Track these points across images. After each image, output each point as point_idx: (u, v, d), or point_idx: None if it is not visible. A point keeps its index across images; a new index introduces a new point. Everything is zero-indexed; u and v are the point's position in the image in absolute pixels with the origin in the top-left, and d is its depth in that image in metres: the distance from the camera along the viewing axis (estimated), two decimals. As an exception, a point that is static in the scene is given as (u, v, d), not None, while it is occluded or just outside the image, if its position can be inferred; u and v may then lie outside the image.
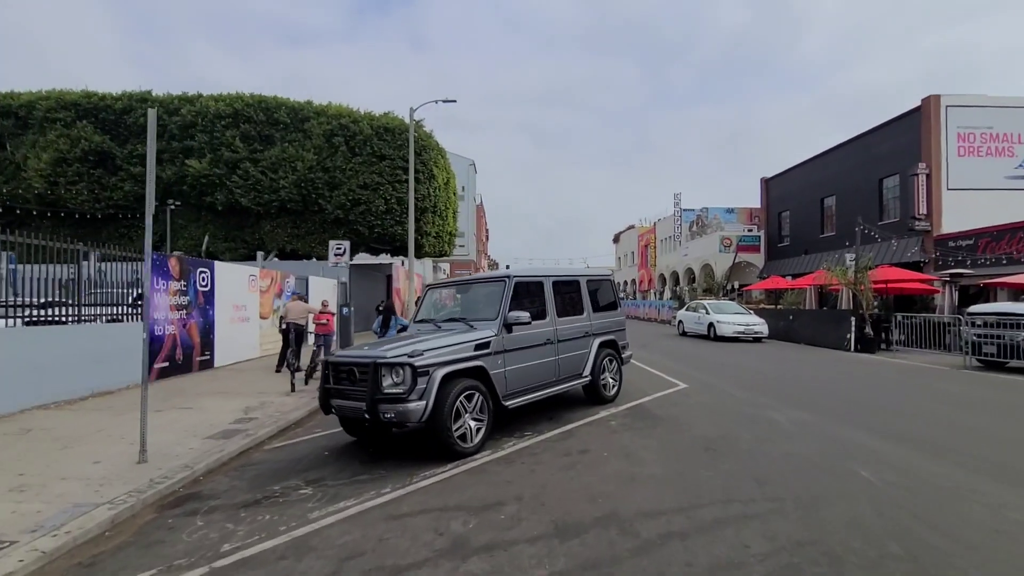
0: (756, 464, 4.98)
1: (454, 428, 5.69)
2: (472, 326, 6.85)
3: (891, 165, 28.37)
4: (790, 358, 14.23)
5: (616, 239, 72.52)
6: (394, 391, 5.67)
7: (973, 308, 12.26)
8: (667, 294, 46.81)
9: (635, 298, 55.50)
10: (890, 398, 8.54)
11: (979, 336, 11.75)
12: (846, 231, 32.43)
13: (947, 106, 25.89)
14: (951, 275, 15.83)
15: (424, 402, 5.62)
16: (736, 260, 39.79)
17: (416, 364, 5.65)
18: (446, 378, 5.82)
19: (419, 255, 26.84)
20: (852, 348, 15.48)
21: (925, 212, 26.06)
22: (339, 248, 14.09)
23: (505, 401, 6.50)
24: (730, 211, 47.35)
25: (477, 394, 6.05)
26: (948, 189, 25.73)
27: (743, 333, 18.62)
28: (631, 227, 65.90)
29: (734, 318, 19.06)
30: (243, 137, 22.47)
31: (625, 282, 68.15)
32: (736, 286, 37.58)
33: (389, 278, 28.57)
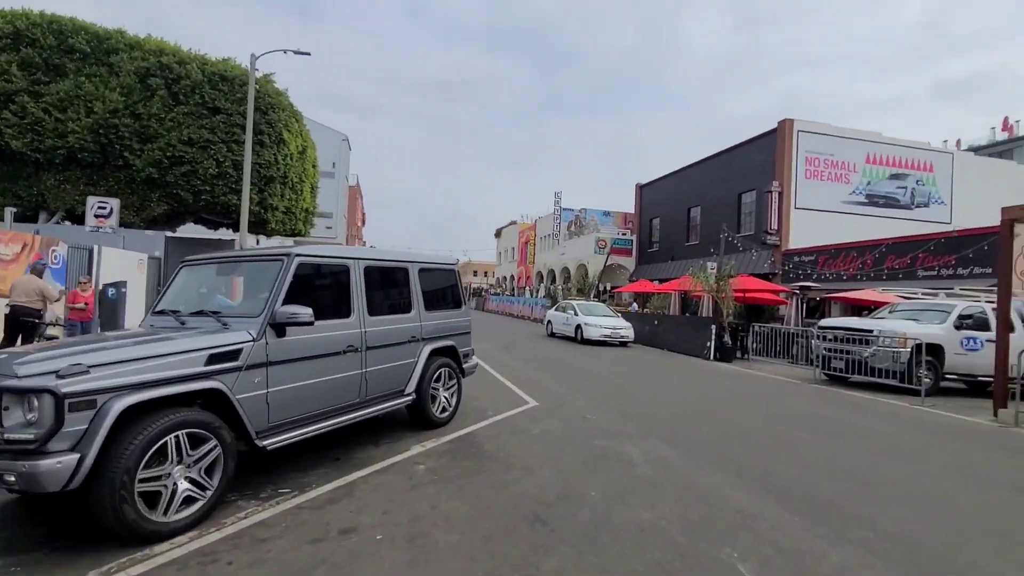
0: (599, 554, 3.35)
1: (137, 500, 3.42)
2: (225, 324, 4.54)
3: (749, 181, 30.07)
4: (652, 366, 13.50)
5: (498, 234, 71.83)
6: (20, 436, 3.26)
7: (824, 322, 12.30)
8: (542, 292, 46.64)
9: (513, 295, 54.93)
10: (755, 420, 7.66)
11: (829, 350, 11.72)
12: (709, 241, 34.11)
13: (799, 131, 27.83)
14: (800, 287, 16.38)
15: (77, 456, 3.27)
16: (608, 262, 40.50)
17: (66, 390, 3.29)
18: (133, 413, 3.52)
19: (263, 231, 23.10)
20: (711, 356, 15.26)
21: (776, 227, 27.83)
22: (103, 207, 10.55)
23: (262, 440, 4.30)
24: (607, 214, 48.40)
25: (206, 437, 3.82)
26: (796, 208, 27.68)
27: (609, 337, 17.93)
28: (513, 223, 65.50)
29: (602, 321, 18.33)
30: (23, 64, 17.34)
31: (505, 278, 67.65)
32: (607, 287, 38.12)
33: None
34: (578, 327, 18.52)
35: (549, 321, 21.20)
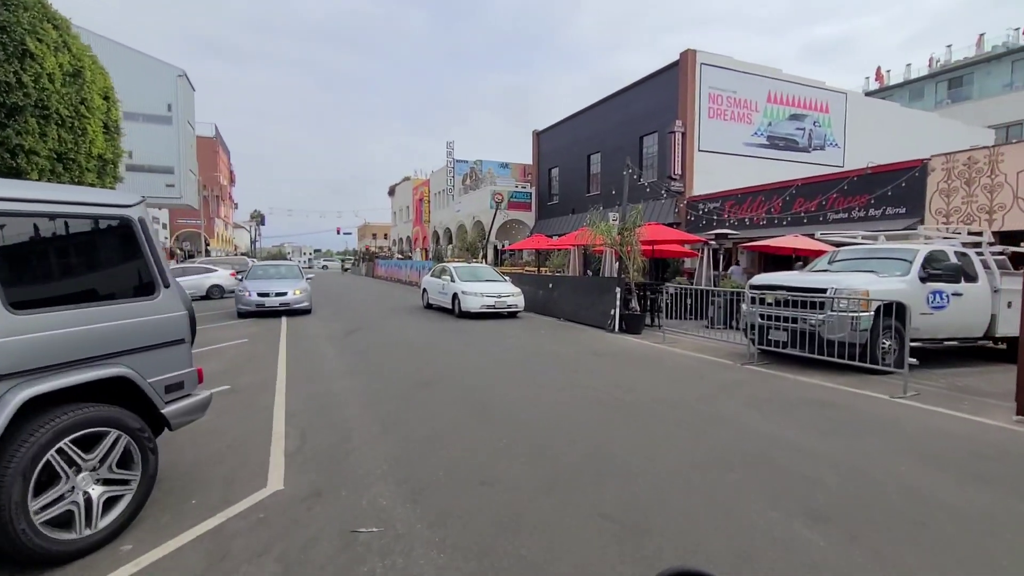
0: None
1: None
2: None
3: (651, 123, 27.18)
4: (540, 351, 9.88)
5: (391, 192, 65.57)
6: None
7: (758, 280, 9.20)
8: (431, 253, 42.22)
9: (404, 258, 49.87)
10: (679, 461, 4.14)
11: (766, 318, 8.65)
12: (611, 190, 31.19)
13: (702, 63, 25.04)
14: (715, 235, 13.50)
15: None
16: (500, 218, 36.74)
17: None
18: None
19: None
20: (616, 327, 11.97)
21: (680, 172, 25.26)
22: None
23: None
24: (504, 166, 44.32)
25: None
26: (700, 150, 25.20)
27: (494, 307, 14.16)
28: (406, 179, 59.61)
29: (484, 287, 14.48)
30: None
31: (401, 239, 62.14)
32: (502, 246, 34.49)
33: None
34: (455, 296, 14.56)
35: (424, 290, 17.08)
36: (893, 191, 16.41)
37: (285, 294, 14.21)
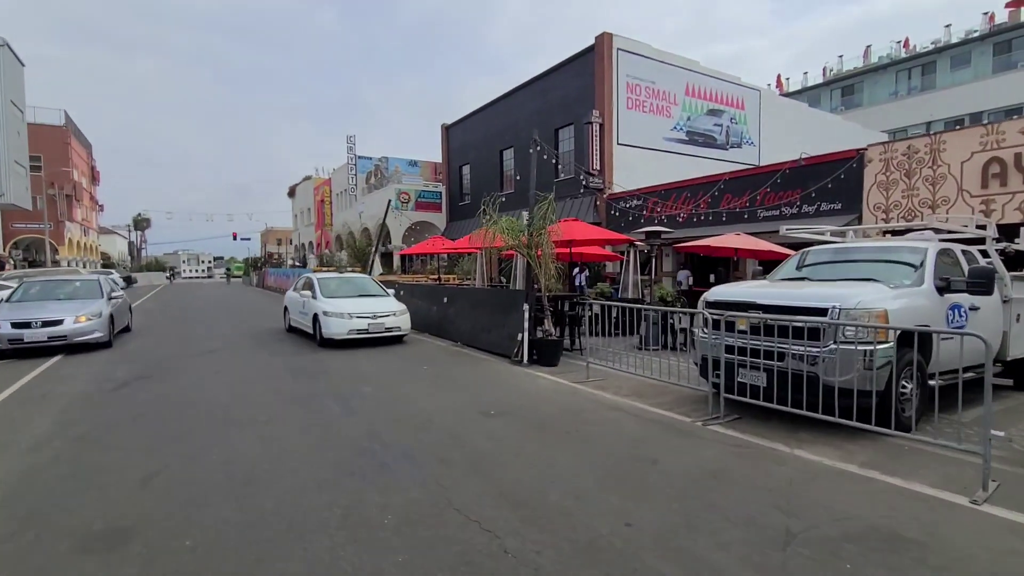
0: None
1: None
2: None
3: (567, 113, 24.61)
4: (402, 415, 6.41)
5: (291, 192, 59.33)
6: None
7: (716, 294, 6.33)
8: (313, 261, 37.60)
9: (302, 266, 44.51)
10: None
11: (735, 352, 5.78)
12: (524, 188, 28.47)
13: (618, 48, 22.80)
14: (646, 233, 10.75)
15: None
16: (406, 221, 32.92)
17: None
18: None
19: None
20: (525, 358, 8.82)
21: (598, 167, 22.88)
22: None
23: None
24: (413, 163, 40.41)
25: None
26: (619, 144, 22.96)
27: (367, 331, 10.57)
28: (307, 178, 53.90)
29: (357, 305, 10.86)
30: None
31: (303, 244, 56.19)
32: (392, 251, 30.75)
33: None
34: (315, 317, 10.82)
35: (286, 308, 13.09)
36: (827, 185, 14.64)
37: (60, 323, 9.81)
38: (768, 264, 9.54)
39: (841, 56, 56.60)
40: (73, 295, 11.14)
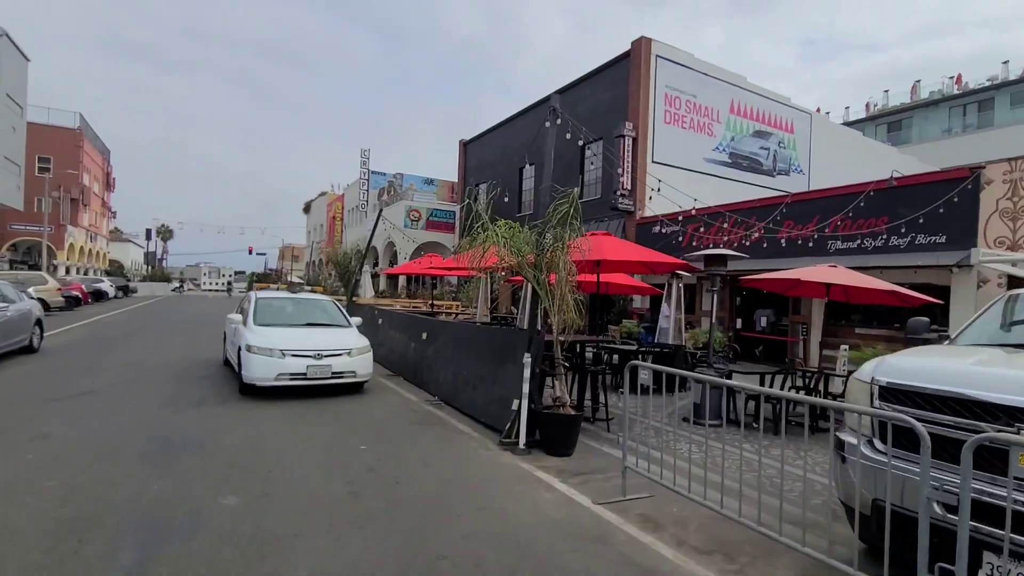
0: None
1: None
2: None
3: (595, 128, 21.71)
4: None
5: (306, 209, 57.55)
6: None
7: (900, 372, 3.06)
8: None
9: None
10: None
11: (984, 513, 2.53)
12: (547, 212, 25.54)
13: (657, 55, 19.98)
14: (707, 258, 7.41)
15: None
16: (399, 237, 30.10)
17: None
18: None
19: None
20: (523, 441, 5.53)
21: (629, 187, 19.86)
22: None
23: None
24: (429, 182, 37.98)
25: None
26: (653, 162, 19.94)
27: (305, 376, 7.43)
28: (322, 194, 52.01)
29: (293, 338, 7.74)
30: None
31: (314, 262, 54.00)
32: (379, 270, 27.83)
33: None
34: (239, 352, 7.73)
35: (224, 334, 10.02)
36: (938, 210, 11.24)
37: None
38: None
39: (887, 91, 53.30)
40: None
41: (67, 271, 37.81)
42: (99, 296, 29.40)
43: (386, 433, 6.13)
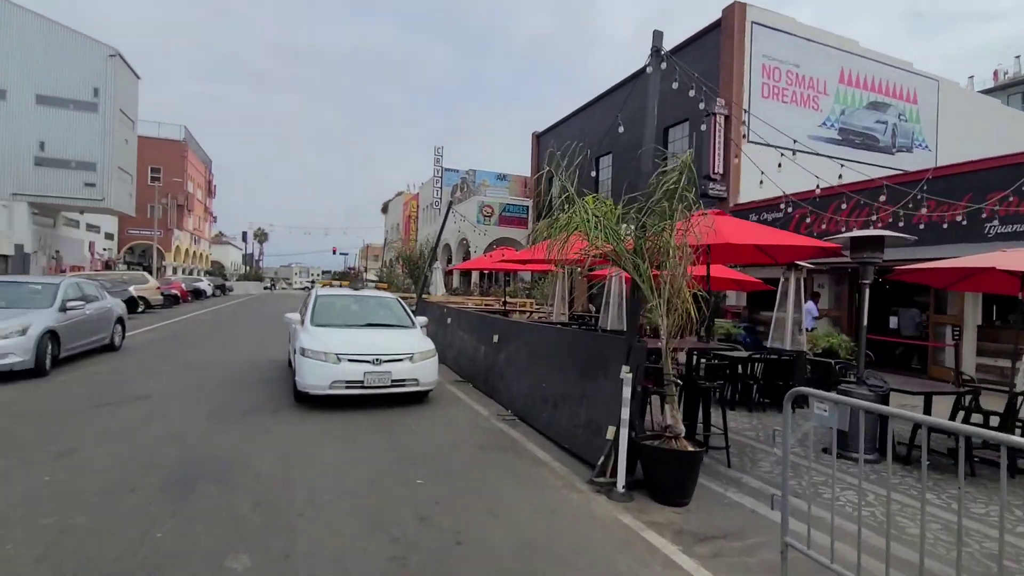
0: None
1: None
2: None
3: (680, 108, 19.65)
4: None
5: (384, 208, 58.89)
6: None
7: None
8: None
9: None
10: None
11: None
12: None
13: (753, 22, 17.65)
14: (854, 243, 5.66)
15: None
16: (472, 233, 29.26)
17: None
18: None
19: None
20: (621, 481, 4.17)
21: (721, 171, 17.75)
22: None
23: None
24: (502, 177, 37.15)
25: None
26: (750, 142, 17.66)
27: (362, 384, 6.49)
28: (399, 194, 52.87)
29: (351, 340, 6.86)
30: None
31: (389, 261, 55.07)
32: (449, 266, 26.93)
33: None
34: (294, 355, 6.96)
35: (289, 335, 9.37)
36: None
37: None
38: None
39: (1019, 57, 45.72)
40: (14, 303, 8.23)
41: (174, 271, 40.82)
42: (198, 294, 31.15)
43: (448, 462, 5.00)
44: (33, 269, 26.07)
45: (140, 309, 20.13)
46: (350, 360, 6.55)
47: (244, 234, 53.99)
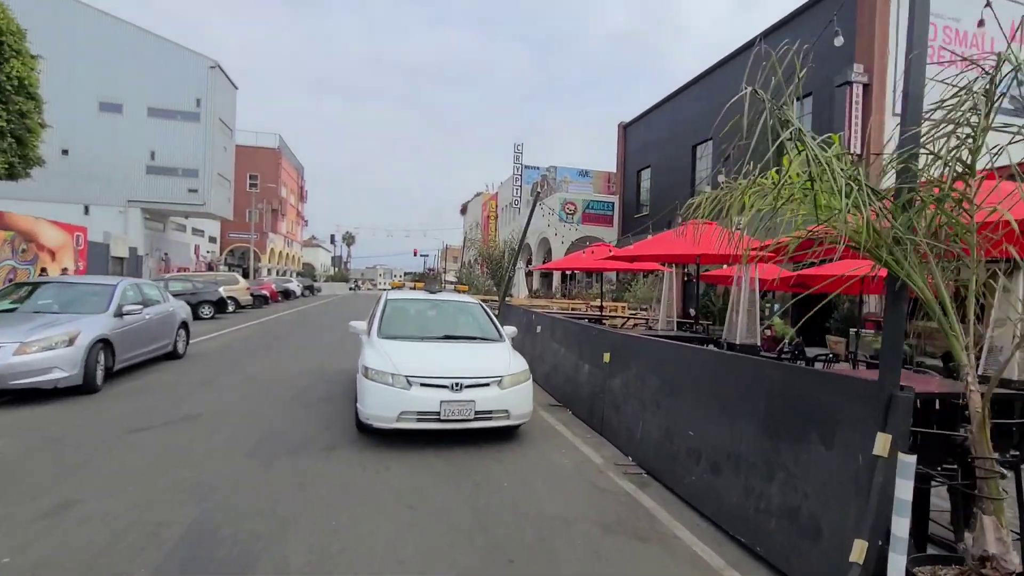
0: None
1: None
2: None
3: (807, 79, 16.85)
4: None
5: (463, 210, 58.68)
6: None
7: None
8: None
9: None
10: None
11: None
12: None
13: (903, -31, 14.54)
14: None
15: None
16: (574, 233, 27.30)
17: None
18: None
19: None
20: None
21: (858, 152, 14.74)
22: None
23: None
24: (584, 173, 35.09)
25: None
26: (894, 114, 14.51)
27: (437, 417, 4.94)
28: (478, 194, 52.29)
29: (425, 359, 5.34)
30: None
31: (466, 262, 54.65)
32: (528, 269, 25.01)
33: None
34: (360, 373, 5.54)
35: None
36: None
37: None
38: None
39: None
40: (67, 307, 7.45)
41: (268, 272, 42.66)
42: (287, 295, 31.89)
43: (559, 556, 3.27)
44: (144, 271, 27.69)
45: (231, 309, 20.37)
46: (423, 384, 5.03)
47: (332, 237, 56.06)
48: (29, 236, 16.77)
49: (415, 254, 71.77)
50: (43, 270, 16.65)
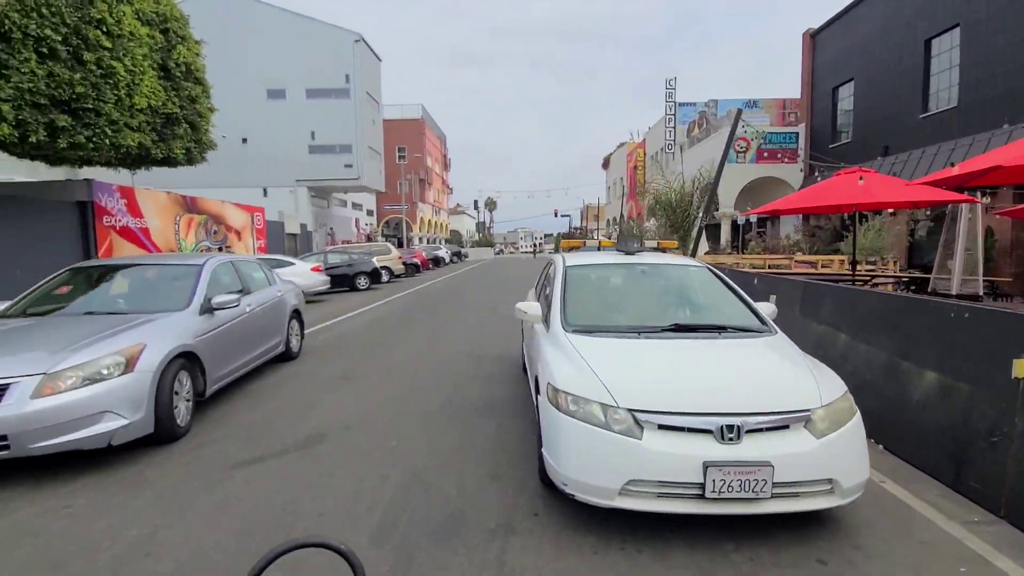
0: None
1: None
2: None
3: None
4: None
5: (605, 164, 54.56)
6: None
7: None
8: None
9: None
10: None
11: None
12: (980, 102, 14.97)
13: None
14: None
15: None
16: (749, 174, 22.44)
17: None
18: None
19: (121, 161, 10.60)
20: None
21: None
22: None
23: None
24: (752, 104, 29.15)
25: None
26: None
27: (701, 489, 2.54)
28: (621, 145, 47.89)
29: (655, 364, 2.91)
30: None
31: (613, 219, 50.95)
32: (743, 220, 20.66)
33: (85, 208, 11.84)
34: (537, 375, 3.33)
35: (522, 332, 5.94)
36: None
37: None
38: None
39: None
40: (137, 303, 5.00)
41: (419, 241, 43.97)
42: (437, 262, 32.02)
43: None
44: (313, 246, 29.51)
45: (385, 279, 20.24)
46: (665, 427, 2.64)
47: (475, 203, 56.47)
48: (218, 219, 17.81)
49: (556, 215, 69.85)
50: (227, 247, 17.60)
